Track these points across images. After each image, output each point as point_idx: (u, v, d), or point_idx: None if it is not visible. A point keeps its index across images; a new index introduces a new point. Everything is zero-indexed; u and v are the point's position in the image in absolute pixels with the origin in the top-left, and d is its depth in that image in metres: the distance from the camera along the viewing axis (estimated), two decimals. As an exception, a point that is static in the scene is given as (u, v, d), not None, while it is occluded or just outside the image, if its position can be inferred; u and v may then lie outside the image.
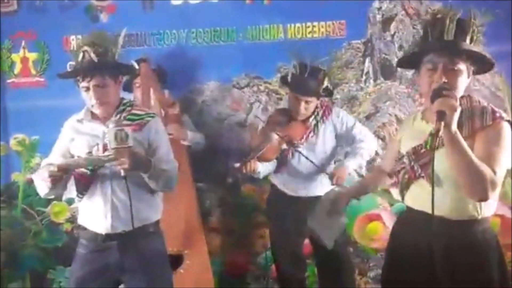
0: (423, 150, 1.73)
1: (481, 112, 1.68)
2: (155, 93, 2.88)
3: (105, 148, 2.05)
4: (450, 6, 1.72)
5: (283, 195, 2.82)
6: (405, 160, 1.80)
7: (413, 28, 3.17)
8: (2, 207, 3.61)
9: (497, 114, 1.67)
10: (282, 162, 2.79)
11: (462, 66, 1.66)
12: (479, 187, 1.57)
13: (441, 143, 1.60)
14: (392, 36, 3.24)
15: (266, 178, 2.97)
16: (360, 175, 3.09)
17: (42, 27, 3.55)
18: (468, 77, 1.71)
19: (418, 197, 1.75)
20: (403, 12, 3.22)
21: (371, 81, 3.28)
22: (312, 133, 2.76)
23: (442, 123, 1.51)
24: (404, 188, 1.83)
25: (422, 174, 1.72)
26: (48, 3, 3.55)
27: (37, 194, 2.17)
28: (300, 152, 2.72)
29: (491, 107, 1.70)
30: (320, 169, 2.74)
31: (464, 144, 1.56)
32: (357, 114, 3.21)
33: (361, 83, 3.28)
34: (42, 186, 2.08)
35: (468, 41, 1.67)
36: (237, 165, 2.60)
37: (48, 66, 3.59)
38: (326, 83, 2.70)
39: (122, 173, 1.97)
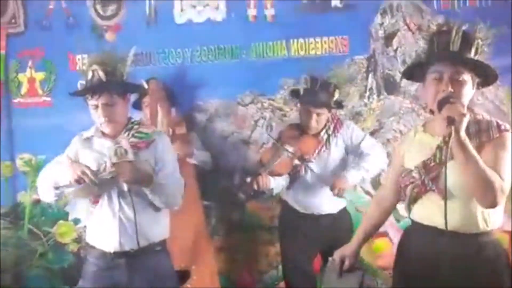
0: (432, 164, 1.73)
1: (487, 126, 1.70)
2: (163, 112, 2.91)
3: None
4: (455, 20, 1.75)
5: (295, 212, 2.81)
6: (415, 174, 1.79)
7: (416, 43, 3.19)
8: (8, 227, 3.62)
9: (502, 127, 1.70)
10: (294, 178, 2.78)
11: (467, 76, 1.68)
12: (489, 193, 1.59)
13: (451, 155, 1.60)
14: (395, 51, 3.25)
15: (272, 195, 2.97)
16: (366, 191, 3.09)
17: (48, 46, 3.61)
18: (473, 88, 1.73)
19: (428, 211, 1.75)
20: (405, 27, 3.24)
21: (375, 96, 3.28)
22: (324, 148, 2.75)
23: (453, 128, 1.53)
24: (411, 202, 1.81)
25: (433, 188, 1.72)
26: (54, 22, 3.61)
27: (43, 214, 2.20)
28: (310, 168, 2.70)
29: (496, 121, 1.72)
30: (325, 181, 2.72)
31: (473, 150, 1.58)
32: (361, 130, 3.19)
33: (365, 99, 3.29)
34: (59, 180, 2.09)
35: (472, 53, 1.69)
36: (249, 180, 2.59)
37: (55, 86, 3.62)
38: (336, 95, 2.72)
39: (125, 188, 2.01)
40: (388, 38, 3.26)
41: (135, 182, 2.05)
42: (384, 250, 3.13)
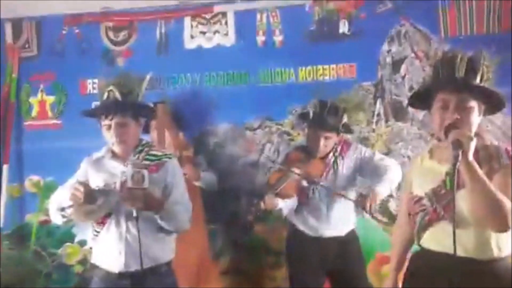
0: (443, 191, 1.71)
1: (496, 152, 1.68)
2: (170, 136, 2.93)
3: (122, 187, 2.08)
4: (461, 47, 1.75)
5: (303, 236, 2.78)
6: (425, 202, 1.76)
7: (423, 70, 3.21)
8: (13, 248, 3.62)
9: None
10: (303, 201, 2.76)
11: (473, 103, 1.66)
12: (500, 216, 1.56)
13: (462, 183, 1.59)
14: (403, 77, 3.28)
15: (279, 218, 2.95)
16: (374, 217, 3.06)
17: (60, 70, 3.69)
18: (479, 115, 1.71)
19: (439, 239, 1.72)
20: (413, 54, 3.27)
21: (383, 122, 3.30)
22: (331, 170, 2.74)
23: (460, 152, 1.51)
24: (421, 230, 1.79)
25: (445, 216, 1.69)
26: (67, 47, 3.69)
27: (49, 235, 2.20)
28: (321, 185, 2.69)
29: (505, 147, 1.71)
30: (345, 196, 2.69)
31: (482, 173, 1.56)
32: (369, 156, 3.19)
33: (373, 124, 3.31)
34: (63, 201, 2.07)
35: (478, 80, 1.67)
36: (256, 201, 2.58)
37: (65, 109, 3.67)
38: (345, 119, 2.73)
39: (134, 214, 2.01)
40: (396, 65, 3.29)
41: (147, 209, 2.05)
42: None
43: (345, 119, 2.73)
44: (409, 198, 1.87)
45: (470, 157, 1.55)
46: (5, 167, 3.62)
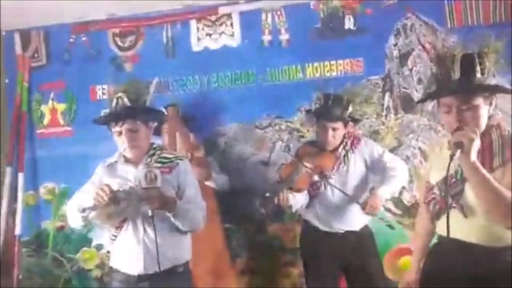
0: (453, 180, 1.72)
1: (510, 141, 1.67)
2: (181, 138, 2.96)
3: (136, 187, 2.12)
4: (457, 43, 1.75)
5: (317, 231, 2.78)
6: (436, 190, 1.79)
7: (431, 61, 3.20)
8: (32, 255, 3.66)
9: None
10: (314, 195, 2.77)
11: (477, 101, 1.64)
12: (504, 214, 1.57)
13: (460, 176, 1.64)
14: (410, 70, 3.27)
15: (293, 216, 2.95)
16: (387, 209, 3.06)
17: (69, 78, 3.73)
18: (490, 105, 1.69)
19: (453, 227, 1.69)
20: (420, 47, 3.26)
21: (392, 115, 3.29)
22: (342, 164, 2.74)
23: (459, 151, 1.53)
24: (435, 218, 1.82)
25: (454, 205, 1.70)
26: (75, 55, 3.73)
27: (66, 241, 2.23)
28: (331, 184, 2.69)
29: None
30: (352, 198, 2.69)
31: (484, 172, 1.56)
32: (380, 149, 3.19)
33: (382, 117, 3.30)
34: (84, 203, 2.10)
35: (478, 74, 1.65)
36: (268, 194, 2.59)
37: (76, 116, 3.71)
38: (350, 108, 2.74)
39: (150, 213, 2.04)
40: (403, 58, 3.29)
41: (161, 208, 2.09)
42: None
43: (350, 109, 2.73)
44: (425, 187, 1.88)
45: (473, 157, 1.55)
46: (20, 176, 3.66)
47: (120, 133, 2.17)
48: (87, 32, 3.71)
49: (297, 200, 2.69)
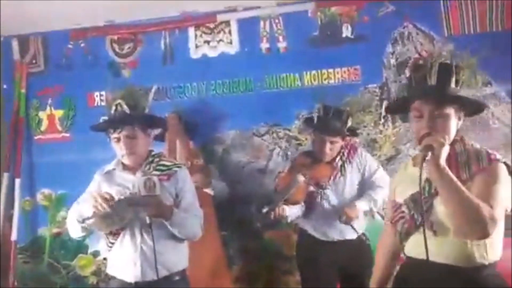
0: (422, 197, 1.58)
1: (476, 155, 1.62)
2: (181, 145, 2.96)
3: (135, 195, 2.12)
4: (437, 52, 1.73)
5: (313, 240, 2.79)
6: (404, 209, 1.70)
7: (409, 69, 3.22)
8: (28, 261, 3.65)
9: (492, 156, 1.61)
10: (311, 205, 2.77)
11: (448, 110, 1.60)
12: (477, 223, 1.48)
13: (435, 192, 1.56)
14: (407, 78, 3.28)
15: (289, 224, 2.95)
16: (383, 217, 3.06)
17: (67, 84, 3.73)
18: (459, 119, 1.65)
19: (419, 246, 1.58)
20: (417, 55, 3.27)
21: (390, 124, 3.30)
22: (339, 174, 2.75)
23: (429, 153, 1.47)
24: (403, 238, 1.72)
25: (422, 222, 1.58)
26: (73, 61, 3.73)
27: (63, 247, 2.22)
28: (327, 197, 2.71)
29: (485, 149, 1.65)
30: (337, 210, 2.70)
31: (455, 179, 1.50)
32: (377, 157, 3.20)
33: (380, 126, 3.31)
34: (84, 213, 2.09)
35: (453, 84, 1.61)
36: (265, 210, 2.59)
37: (73, 122, 3.71)
38: (350, 123, 2.74)
39: (148, 220, 2.05)
40: (400, 66, 3.30)
41: (158, 216, 2.09)
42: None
43: (349, 123, 2.74)
44: (391, 206, 1.81)
45: (442, 162, 1.49)
46: (17, 181, 3.65)
47: (118, 139, 2.17)
48: (85, 39, 3.72)
49: (293, 212, 2.70)
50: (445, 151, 1.50)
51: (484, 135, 3.04)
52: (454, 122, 1.63)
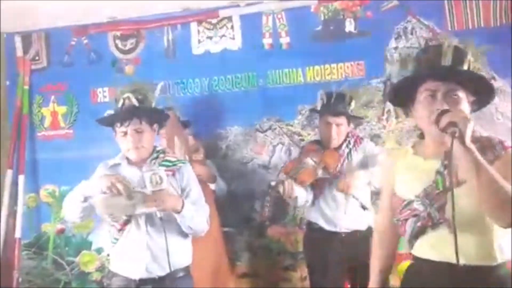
0: (436, 192, 1.52)
1: (489, 143, 1.54)
2: (180, 141, 2.95)
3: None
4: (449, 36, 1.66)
5: (321, 232, 2.78)
6: (417, 206, 1.57)
7: (420, 49, 3.19)
8: (32, 258, 3.66)
9: (506, 144, 1.54)
10: (319, 193, 2.78)
11: (461, 94, 1.53)
12: (508, 207, 1.36)
13: (458, 180, 1.45)
14: (411, 74, 3.26)
15: (293, 219, 2.94)
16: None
17: (70, 81, 3.73)
18: (469, 107, 1.57)
19: (436, 246, 1.54)
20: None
21: (393, 119, 3.28)
22: (346, 161, 2.76)
23: (456, 135, 1.35)
24: (414, 237, 1.60)
25: (441, 220, 1.51)
26: (76, 57, 3.74)
27: (67, 244, 2.21)
28: (330, 184, 2.72)
29: (497, 138, 1.57)
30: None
31: (482, 159, 1.37)
32: (381, 152, 3.18)
33: (383, 121, 3.29)
34: (77, 202, 2.11)
35: (466, 68, 1.54)
36: (273, 183, 2.59)
37: (76, 119, 3.72)
38: (353, 105, 2.77)
39: (159, 214, 2.05)
40: (404, 61, 3.27)
41: (170, 209, 2.09)
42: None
43: (353, 105, 2.77)
44: (395, 202, 1.66)
45: (467, 141, 1.36)
46: (21, 178, 3.66)
47: (125, 133, 2.16)
48: (88, 35, 3.72)
49: (302, 194, 2.70)
50: (470, 128, 1.38)
51: (488, 130, 3.02)
52: (467, 108, 1.55)
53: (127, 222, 2.15)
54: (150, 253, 2.14)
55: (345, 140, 2.78)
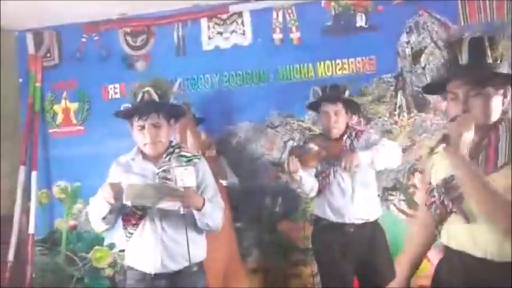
0: (454, 182, 1.54)
1: None
2: (193, 137, 2.95)
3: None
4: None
5: (329, 229, 2.77)
6: (435, 193, 1.62)
7: (444, 59, 3.16)
8: (45, 254, 3.70)
9: None
10: (325, 184, 2.77)
11: (487, 89, 1.49)
12: (502, 214, 1.39)
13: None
14: (423, 68, 3.24)
15: (303, 214, 2.93)
16: (400, 210, 3.03)
17: (82, 77, 3.75)
18: (505, 97, 1.53)
19: (454, 234, 1.57)
20: (433, 44, 3.22)
21: (405, 114, 3.26)
22: (349, 151, 2.74)
23: (443, 145, 1.44)
24: (438, 223, 1.63)
25: (454, 209, 1.54)
26: (87, 54, 3.75)
27: (79, 240, 2.21)
28: (340, 174, 2.72)
29: None
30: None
31: (471, 168, 1.43)
32: (392, 148, 3.16)
33: (395, 116, 3.28)
34: (101, 209, 2.11)
35: (490, 59, 1.49)
36: (281, 157, 2.59)
37: (88, 115, 3.74)
38: (347, 92, 2.78)
39: (182, 211, 2.06)
40: (416, 56, 3.25)
41: (193, 206, 2.09)
42: (423, 271, 3.04)
43: (347, 93, 2.78)
44: (426, 188, 1.72)
45: (460, 152, 1.43)
46: (33, 174, 3.69)
47: (142, 127, 2.14)
48: (99, 32, 3.73)
49: (308, 180, 2.71)
50: (465, 140, 1.43)
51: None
52: (497, 100, 1.52)
53: (142, 216, 2.15)
54: (165, 247, 2.13)
55: (345, 131, 2.79)
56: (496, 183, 1.44)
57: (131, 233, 2.19)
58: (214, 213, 2.17)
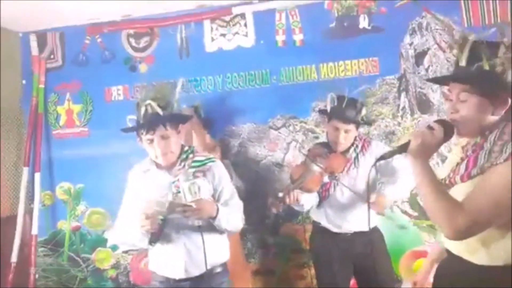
0: (447, 182, 1.54)
1: (501, 147, 1.42)
2: (198, 139, 2.95)
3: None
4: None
5: (327, 233, 2.77)
6: None
7: (447, 61, 3.16)
8: (48, 255, 3.71)
9: None
10: (324, 196, 2.75)
11: (474, 98, 1.47)
12: (445, 220, 1.41)
13: (457, 177, 1.48)
14: (426, 70, 3.23)
15: (307, 217, 2.92)
16: (403, 211, 3.02)
17: (85, 79, 3.76)
18: (486, 111, 1.48)
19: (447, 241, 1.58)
20: (436, 45, 3.22)
21: (408, 115, 3.26)
22: (353, 165, 2.72)
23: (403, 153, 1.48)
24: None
25: None
26: (90, 56, 3.76)
27: (82, 241, 2.19)
28: (343, 184, 2.68)
29: None
30: (362, 197, 2.65)
31: (425, 173, 1.45)
32: (395, 150, 3.14)
33: (398, 118, 3.27)
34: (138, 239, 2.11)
35: (487, 66, 1.45)
36: (281, 194, 2.58)
37: (91, 117, 3.74)
38: (364, 112, 2.71)
39: (197, 223, 2.08)
40: (419, 57, 3.25)
41: (206, 217, 2.09)
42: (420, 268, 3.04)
43: (363, 112, 2.70)
44: None
45: (418, 159, 1.45)
46: (37, 176, 3.70)
47: (151, 141, 2.12)
48: (102, 33, 3.74)
49: (308, 200, 2.68)
50: (426, 147, 1.45)
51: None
52: (482, 110, 1.48)
53: (163, 224, 2.11)
54: (188, 253, 2.14)
55: (352, 144, 2.73)
56: (459, 193, 1.44)
57: (155, 242, 2.15)
58: (231, 216, 2.18)
